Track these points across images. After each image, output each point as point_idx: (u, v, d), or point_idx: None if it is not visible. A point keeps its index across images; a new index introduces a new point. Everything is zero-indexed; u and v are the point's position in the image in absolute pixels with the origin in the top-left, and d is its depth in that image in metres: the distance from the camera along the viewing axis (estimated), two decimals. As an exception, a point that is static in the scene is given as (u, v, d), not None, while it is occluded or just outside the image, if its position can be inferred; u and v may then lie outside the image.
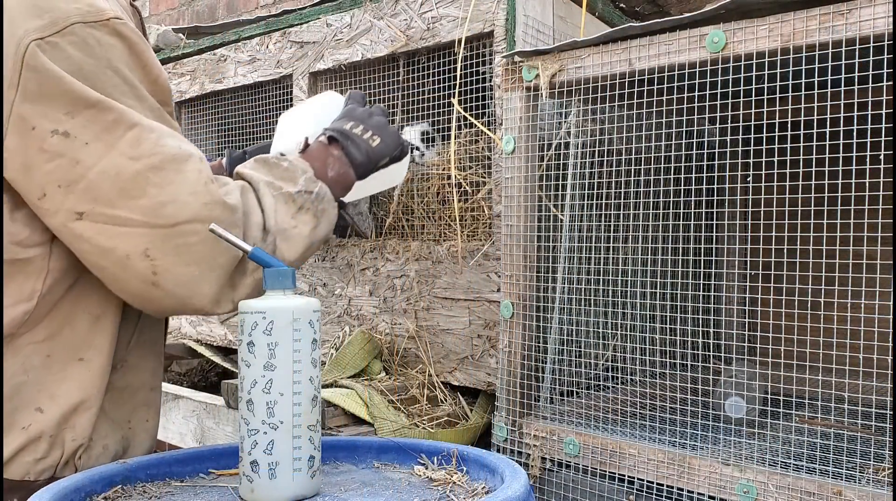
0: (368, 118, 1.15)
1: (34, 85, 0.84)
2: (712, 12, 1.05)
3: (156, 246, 0.87)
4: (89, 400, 0.94)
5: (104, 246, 0.87)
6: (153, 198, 0.86)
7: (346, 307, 1.67)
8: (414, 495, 0.87)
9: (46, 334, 0.92)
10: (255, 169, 1.01)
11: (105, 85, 0.87)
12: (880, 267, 1.29)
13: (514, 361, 1.28)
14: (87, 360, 0.93)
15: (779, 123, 1.34)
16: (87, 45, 0.87)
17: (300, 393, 0.85)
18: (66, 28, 0.86)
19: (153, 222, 0.86)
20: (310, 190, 1.01)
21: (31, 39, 0.84)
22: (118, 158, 0.86)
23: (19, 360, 0.90)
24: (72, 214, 0.86)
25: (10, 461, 0.90)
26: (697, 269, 1.62)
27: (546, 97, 1.24)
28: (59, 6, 0.86)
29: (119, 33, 0.89)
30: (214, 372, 2.22)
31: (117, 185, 0.86)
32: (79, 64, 0.86)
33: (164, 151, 0.88)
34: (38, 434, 0.91)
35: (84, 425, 0.94)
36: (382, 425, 1.36)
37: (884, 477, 1.03)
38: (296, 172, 1.02)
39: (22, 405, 0.91)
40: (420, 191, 1.59)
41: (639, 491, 1.13)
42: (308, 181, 1.02)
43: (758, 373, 1.44)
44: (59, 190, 0.86)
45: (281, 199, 0.98)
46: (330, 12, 1.67)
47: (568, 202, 1.29)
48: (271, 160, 1.02)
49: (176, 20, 3.61)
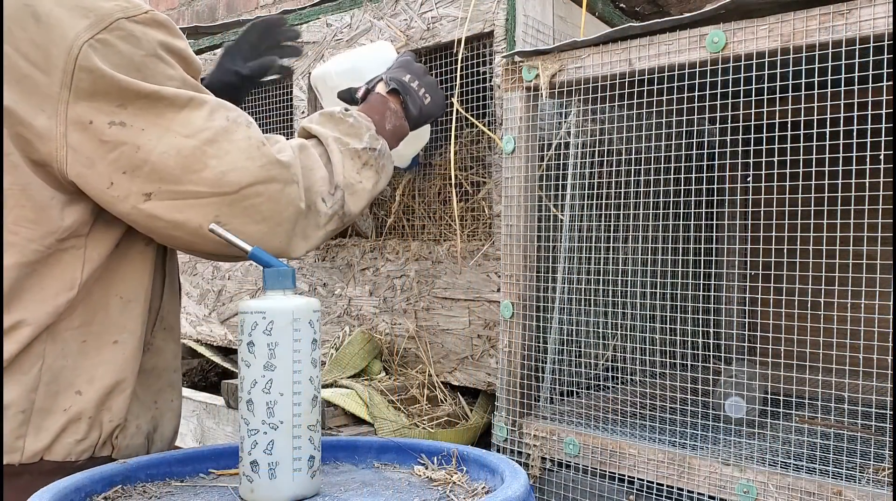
0: (424, 75, 1.24)
1: (86, 84, 0.89)
2: (712, 12, 1.05)
3: (224, 212, 0.94)
4: (125, 382, 0.99)
5: (177, 220, 0.93)
6: (214, 169, 0.93)
7: (346, 307, 1.67)
8: (414, 495, 0.87)
9: (82, 320, 0.97)
10: (321, 124, 1.08)
11: (154, 72, 0.93)
12: (880, 267, 1.29)
13: (514, 361, 1.28)
14: (121, 342, 0.99)
15: (779, 123, 1.34)
16: (133, 38, 0.92)
17: (300, 393, 0.85)
18: (113, 24, 0.91)
19: (219, 190, 0.93)
20: (374, 147, 1.10)
21: (83, 41, 0.89)
22: (175, 138, 0.92)
23: (58, 346, 0.95)
24: (140, 196, 0.92)
25: (53, 443, 0.95)
26: (697, 269, 1.62)
27: (546, 97, 1.24)
28: (101, 5, 0.92)
29: (158, 23, 0.95)
30: (214, 372, 2.22)
31: (180, 162, 0.92)
32: (129, 56, 0.92)
33: (214, 125, 0.94)
34: (77, 416, 0.96)
35: (120, 406, 0.99)
36: (382, 425, 1.36)
37: (884, 477, 1.03)
38: (360, 128, 1.10)
39: (62, 388, 0.96)
40: (421, 190, 1.59)
41: (639, 491, 1.13)
42: (372, 138, 1.10)
43: (758, 373, 1.44)
44: (124, 176, 0.91)
45: (348, 155, 1.06)
46: (330, 12, 1.67)
47: (568, 202, 1.29)
48: (337, 115, 1.10)
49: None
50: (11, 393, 0.92)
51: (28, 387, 0.93)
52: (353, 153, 1.07)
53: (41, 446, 0.94)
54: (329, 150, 1.05)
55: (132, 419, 1.03)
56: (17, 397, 0.93)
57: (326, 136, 1.06)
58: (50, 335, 0.95)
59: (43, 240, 0.92)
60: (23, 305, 0.92)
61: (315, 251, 1.73)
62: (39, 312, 0.93)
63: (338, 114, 1.10)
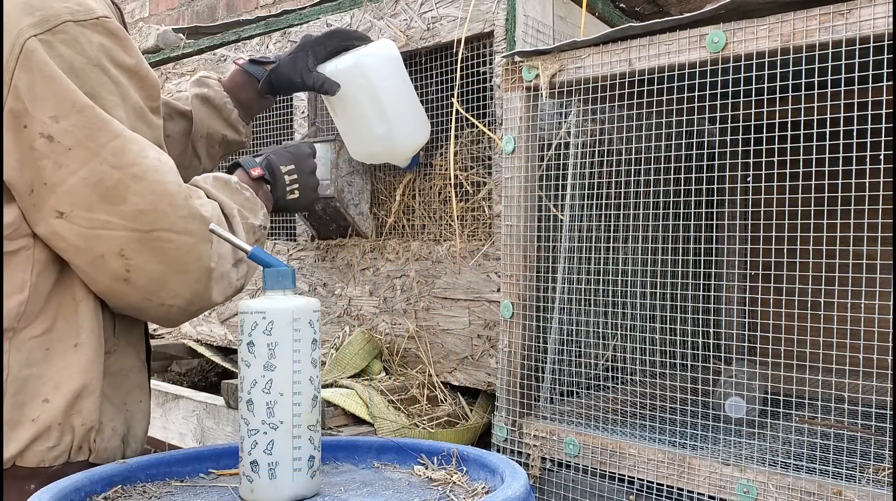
0: (307, 174, 1.25)
1: (24, 84, 0.86)
2: (712, 12, 1.05)
3: (131, 247, 0.92)
4: (91, 384, 0.97)
5: (80, 246, 0.91)
6: (133, 205, 0.91)
7: (346, 307, 1.67)
8: (414, 495, 0.87)
9: (43, 328, 0.95)
10: (221, 191, 1.06)
11: (94, 83, 0.90)
12: (880, 267, 1.29)
13: (514, 361, 1.27)
14: (81, 344, 0.96)
15: (779, 123, 1.34)
16: (77, 44, 0.89)
17: (300, 393, 0.85)
18: (58, 26, 0.88)
19: (131, 226, 0.91)
20: (264, 225, 1.11)
21: (27, 36, 0.86)
22: (101, 165, 0.89)
23: (23, 355, 0.93)
24: (53, 211, 0.90)
25: (25, 451, 0.93)
26: (697, 269, 1.62)
27: (546, 97, 1.24)
28: (50, 4, 0.88)
29: (109, 31, 0.92)
30: (214, 372, 2.22)
31: (98, 191, 0.90)
32: (70, 62, 0.88)
33: (146, 163, 0.92)
34: (47, 425, 0.94)
35: (90, 408, 0.97)
36: (382, 425, 1.36)
37: (884, 477, 1.03)
38: (256, 205, 1.10)
39: (29, 398, 0.94)
40: (422, 190, 1.59)
41: (639, 491, 1.13)
42: (265, 217, 1.11)
43: (758, 373, 1.44)
44: (44, 187, 0.89)
45: (247, 229, 1.06)
46: (330, 12, 1.67)
47: (568, 202, 1.29)
48: (233, 185, 1.09)
49: (176, 20, 3.61)
50: None
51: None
52: (251, 228, 1.07)
53: (10, 455, 0.92)
54: (233, 222, 1.04)
55: (107, 422, 1.01)
56: None
57: (231, 207, 1.05)
58: (13, 345, 0.93)
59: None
60: None
61: (315, 251, 1.73)
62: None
63: (233, 184, 1.09)
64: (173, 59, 2.11)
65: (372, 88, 1.40)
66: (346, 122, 1.48)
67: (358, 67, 1.39)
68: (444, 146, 1.54)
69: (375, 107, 1.41)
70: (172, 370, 2.29)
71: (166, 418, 1.75)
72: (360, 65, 1.39)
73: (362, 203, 1.66)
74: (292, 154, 1.24)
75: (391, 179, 1.64)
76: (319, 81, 1.40)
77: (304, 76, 1.39)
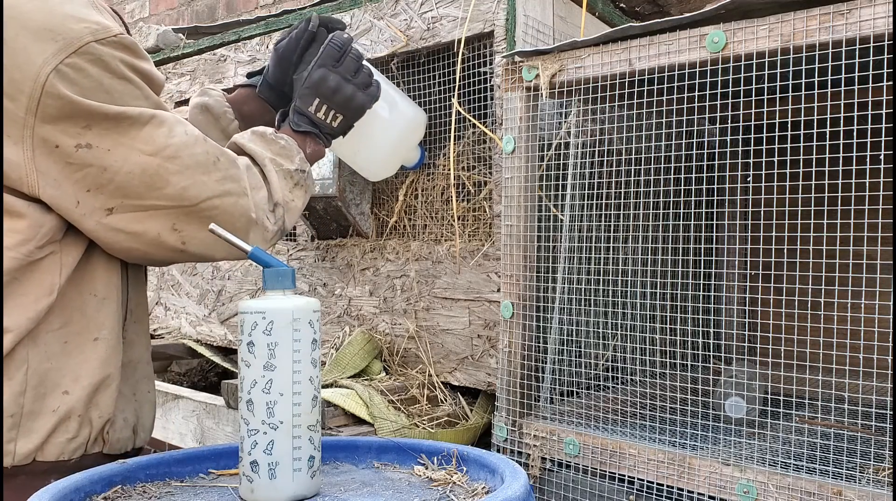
0: (333, 95, 1.21)
1: (53, 110, 0.91)
2: (712, 12, 1.05)
3: (181, 221, 1.00)
4: (109, 377, 1.02)
5: (136, 230, 0.98)
6: (176, 184, 0.98)
7: (346, 307, 1.67)
8: (414, 495, 0.87)
9: (61, 322, 0.98)
10: (255, 142, 1.13)
11: (122, 94, 0.96)
12: (880, 267, 1.29)
13: (514, 361, 1.27)
14: (101, 339, 1.01)
15: (779, 123, 1.34)
16: (102, 62, 0.94)
17: (300, 393, 0.85)
18: (82, 48, 0.92)
19: (179, 204, 0.99)
20: (303, 169, 1.16)
21: (51, 67, 0.90)
22: (139, 156, 0.96)
23: (41, 349, 0.97)
24: (102, 211, 0.96)
25: (44, 443, 0.97)
26: (697, 269, 1.62)
27: (546, 97, 1.24)
28: (70, 27, 0.92)
29: (125, 46, 0.97)
30: (214, 372, 2.22)
31: (144, 181, 0.97)
32: (98, 79, 0.93)
33: (175, 141, 0.98)
34: (67, 415, 0.98)
35: (107, 401, 1.01)
36: (382, 425, 1.36)
37: (884, 477, 1.03)
38: (292, 151, 1.15)
39: (49, 390, 0.97)
40: (424, 190, 1.59)
41: (639, 491, 1.13)
42: (301, 161, 1.16)
43: (758, 373, 1.44)
44: (88, 194, 0.95)
45: (282, 175, 1.12)
46: (330, 12, 1.67)
47: (568, 202, 1.29)
48: (268, 135, 1.14)
49: (176, 20, 3.61)
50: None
51: (15, 392, 0.94)
52: (287, 174, 1.13)
53: (32, 447, 0.95)
54: (266, 170, 1.10)
55: (119, 414, 1.05)
56: (4, 402, 0.94)
57: (263, 156, 1.11)
58: (31, 340, 0.96)
59: (20, 248, 0.94)
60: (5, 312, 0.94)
61: (315, 251, 1.73)
62: (21, 318, 0.94)
63: (269, 135, 1.14)
64: (173, 59, 2.11)
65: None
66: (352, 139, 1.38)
67: None
68: (446, 146, 1.54)
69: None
70: (172, 370, 2.29)
71: (166, 418, 1.75)
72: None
73: (363, 203, 1.67)
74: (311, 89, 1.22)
75: (393, 179, 1.64)
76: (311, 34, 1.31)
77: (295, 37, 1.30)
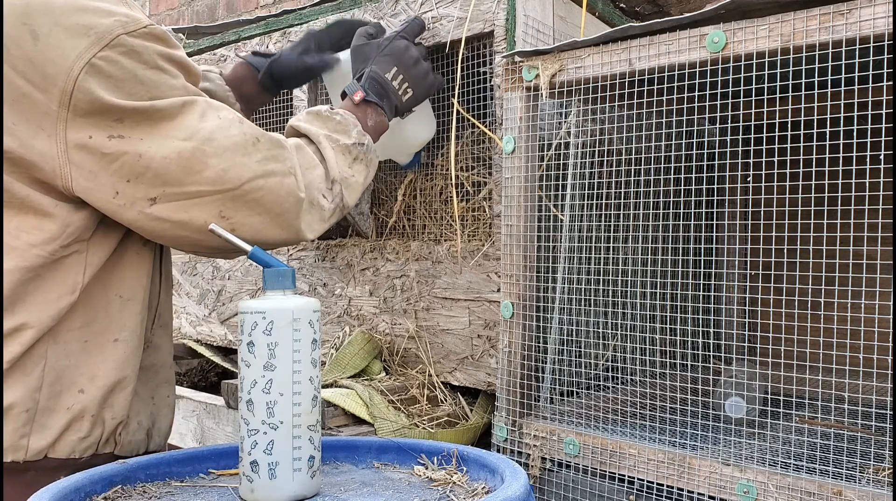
0: (412, 67, 1.27)
1: (85, 104, 0.91)
2: (712, 12, 1.05)
3: (228, 207, 0.97)
4: (126, 379, 1.01)
5: (182, 219, 0.96)
6: (215, 167, 0.96)
7: (346, 307, 1.67)
8: (414, 495, 0.87)
9: (83, 321, 0.98)
10: (310, 122, 1.12)
11: (157, 83, 0.95)
12: (880, 267, 1.29)
13: (514, 361, 1.28)
14: (121, 341, 1.01)
15: (779, 123, 1.34)
16: (135, 52, 0.94)
17: (300, 393, 0.85)
18: (114, 40, 0.92)
19: (221, 187, 0.97)
20: (362, 142, 1.15)
21: (84, 61, 0.90)
22: (174, 142, 0.94)
23: (60, 346, 0.97)
24: (145, 201, 0.95)
25: (57, 441, 0.97)
26: (697, 269, 1.62)
27: (546, 97, 1.24)
28: (100, 22, 0.92)
29: (156, 36, 0.97)
30: (214, 372, 2.22)
31: (182, 165, 0.95)
32: (132, 71, 0.93)
33: (208, 125, 0.97)
34: (80, 413, 0.98)
35: (122, 403, 1.01)
36: (382, 425, 1.36)
37: (884, 477, 1.03)
38: (348, 125, 1.14)
39: (65, 387, 0.97)
40: (423, 190, 1.59)
41: (639, 491, 1.13)
42: (359, 134, 1.15)
43: (758, 373, 1.44)
44: (128, 184, 0.94)
45: (339, 150, 1.11)
46: (330, 12, 1.67)
47: (568, 202, 1.29)
48: (323, 113, 1.14)
49: (176, 20, 3.61)
50: (15, 394, 0.94)
51: (32, 387, 0.94)
52: (344, 149, 1.12)
53: (45, 444, 0.96)
54: (321, 147, 1.09)
55: (133, 416, 1.05)
56: (20, 397, 0.94)
57: (317, 134, 1.10)
58: (52, 337, 0.96)
59: (46, 246, 0.94)
60: (26, 308, 0.94)
61: (315, 251, 1.73)
62: (42, 315, 0.94)
63: (324, 112, 1.14)
64: (173, 59, 2.11)
65: None
66: None
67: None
68: (445, 146, 1.54)
69: None
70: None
71: (166, 418, 1.75)
72: None
73: (363, 203, 1.67)
74: (391, 56, 1.26)
75: (392, 179, 1.64)
76: (317, 59, 1.41)
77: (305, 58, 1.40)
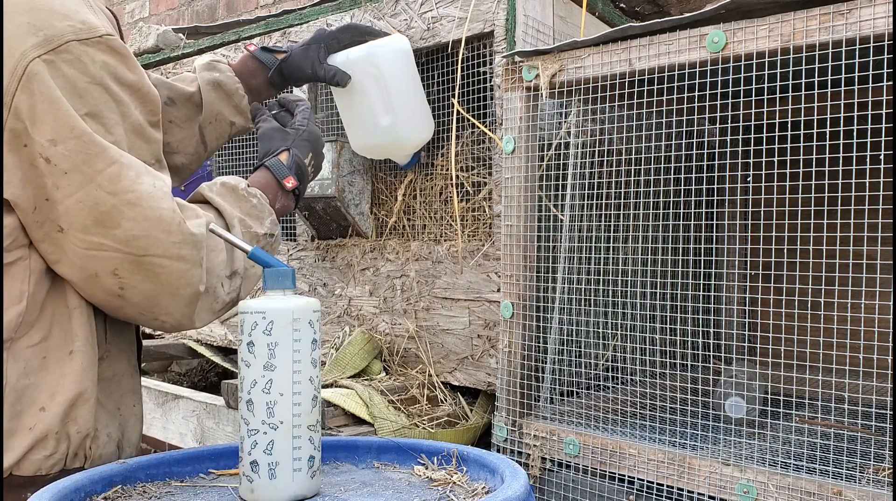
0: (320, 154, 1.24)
1: (26, 106, 0.87)
2: (712, 12, 1.05)
3: (124, 267, 0.92)
4: (86, 392, 0.97)
5: (75, 262, 0.92)
6: (127, 230, 0.91)
7: (346, 307, 1.67)
8: (414, 495, 0.87)
9: (40, 336, 0.95)
10: (224, 197, 1.05)
11: (96, 101, 0.91)
12: (880, 267, 1.28)
13: (514, 361, 1.27)
14: (76, 351, 0.96)
15: (779, 123, 1.34)
16: (81, 63, 0.89)
17: (300, 393, 0.85)
18: (62, 46, 0.88)
19: (125, 249, 0.91)
20: (272, 233, 1.08)
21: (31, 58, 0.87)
22: (96, 190, 0.90)
23: (21, 365, 0.93)
24: (55, 226, 0.91)
25: (21, 460, 0.93)
26: (697, 269, 1.62)
27: (546, 97, 1.24)
28: (53, 24, 0.88)
29: (112, 49, 0.92)
30: (214, 372, 2.22)
31: (93, 215, 0.90)
32: (73, 82, 0.89)
33: (141, 189, 0.92)
34: (44, 433, 0.94)
35: (85, 416, 0.97)
36: (382, 425, 1.36)
37: (884, 477, 1.03)
38: (263, 211, 1.08)
39: (26, 407, 0.93)
40: (423, 190, 1.59)
41: (639, 491, 1.13)
42: (272, 224, 1.09)
43: (758, 373, 1.44)
44: (46, 203, 0.90)
45: (249, 238, 1.04)
46: (330, 12, 1.67)
47: (568, 202, 1.29)
48: (240, 191, 1.07)
49: (176, 20, 3.61)
50: None
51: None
52: (254, 238, 1.05)
53: (8, 464, 0.92)
54: (233, 231, 1.03)
55: (102, 428, 1.01)
56: None
57: (232, 215, 1.04)
58: (11, 355, 0.93)
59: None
60: None
61: (315, 251, 1.73)
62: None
63: (241, 190, 1.07)
64: (173, 59, 2.11)
65: (381, 77, 1.42)
66: (351, 111, 1.49)
67: (370, 56, 1.42)
68: (445, 146, 1.54)
69: (383, 97, 1.43)
70: (172, 370, 2.29)
71: (166, 418, 1.75)
72: (372, 54, 1.42)
73: (363, 203, 1.67)
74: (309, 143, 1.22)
75: (392, 179, 1.64)
76: (331, 73, 1.41)
77: (316, 67, 1.40)
